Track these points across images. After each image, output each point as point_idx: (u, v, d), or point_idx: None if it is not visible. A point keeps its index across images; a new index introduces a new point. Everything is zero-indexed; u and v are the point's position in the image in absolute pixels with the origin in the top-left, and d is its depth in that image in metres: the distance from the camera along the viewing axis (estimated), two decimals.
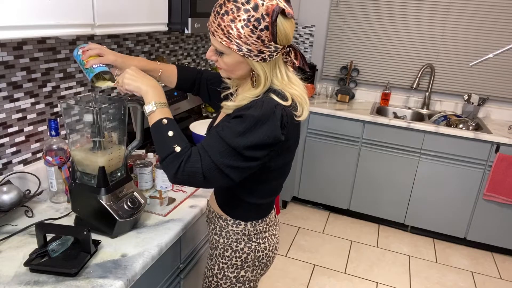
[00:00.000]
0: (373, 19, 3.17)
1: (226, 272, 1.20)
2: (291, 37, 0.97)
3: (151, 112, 0.99)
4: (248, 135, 0.94)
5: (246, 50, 0.93)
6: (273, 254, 1.24)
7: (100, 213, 1.16)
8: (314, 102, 3.15)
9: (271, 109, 0.94)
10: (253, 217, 1.16)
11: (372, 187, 3.02)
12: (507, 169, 2.58)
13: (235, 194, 1.13)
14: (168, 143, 0.95)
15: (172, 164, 0.94)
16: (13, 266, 1.04)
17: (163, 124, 0.97)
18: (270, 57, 0.95)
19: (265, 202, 1.16)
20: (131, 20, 1.38)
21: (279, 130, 0.96)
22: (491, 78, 2.99)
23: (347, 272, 2.58)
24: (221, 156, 0.94)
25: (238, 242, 1.17)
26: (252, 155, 0.96)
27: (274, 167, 1.07)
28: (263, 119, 0.93)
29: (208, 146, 0.95)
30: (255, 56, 0.94)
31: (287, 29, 0.94)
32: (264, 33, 0.91)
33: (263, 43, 0.92)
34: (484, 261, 2.80)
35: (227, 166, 0.94)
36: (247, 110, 0.96)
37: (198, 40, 2.49)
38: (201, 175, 0.93)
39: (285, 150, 1.06)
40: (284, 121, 0.97)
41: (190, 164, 0.93)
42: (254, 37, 0.91)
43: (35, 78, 1.41)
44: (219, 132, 0.95)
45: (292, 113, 1.00)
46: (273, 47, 0.94)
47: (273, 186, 1.16)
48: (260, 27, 0.90)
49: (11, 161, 1.38)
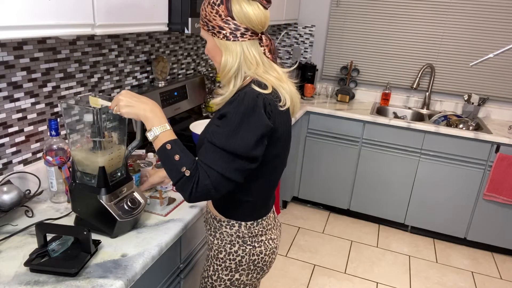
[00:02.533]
0: (373, 19, 3.17)
1: (221, 274, 1.19)
2: (255, 21, 1.01)
3: (155, 138, 1.03)
4: (242, 133, 0.96)
5: (211, 27, 1.03)
6: (270, 259, 1.22)
7: (100, 213, 1.16)
8: (314, 102, 3.15)
9: (253, 99, 0.98)
10: (249, 217, 1.16)
11: (372, 187, 3.02)
12: (507, 169, 2.58)
13: (230, 193, 1.12)
14: (177, 167, 0.99)
15: (185, 187, 0.98)
16: (13, 266, 1.04)
17: (168, 149, 1.01)
18: (233, 36, 1.01)
19: (259, 200, 1.15)
20: (131, 20, 1.38)
21: (266, 118, 0.99)
22: (491, 78, 2.99)
23: (347, 272, 2.58)
24: (224, 165, 0.97)
25: (232, 244, 1.16)
26: (255, 154, 0.99)
27: (267, 161, 1.07)
28: (248, 112, 0.97)
29: (209, 160, 0.98)
30: (218, 33, 1.02)
31: (247, 10, 1.00)
32: (220, 8, 1.00)
33: (220, 17, 1.00)
34: (484, 261, 2.80)
35: (233, 172, 0.98)
36: (229, 106, 1.00)
37: (198, 40, 2.49)
38: (213, 190, 0.98)
39: (275, 140, 1.06)
40: (267, 109, 1.00)
41: (201, 183, 0.97)
42: (214, 12, 1.01)
43: (35, 78, 1.41)
44: (213, 141, 0.98)
45: (275, 102, 1.03)
46: (232, 23, 1.00)
47: (267, 182, 1.15)
48: (217, 2, 1.00)
49: (11, 161, 1.38)
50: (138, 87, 2.01)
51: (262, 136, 0.99)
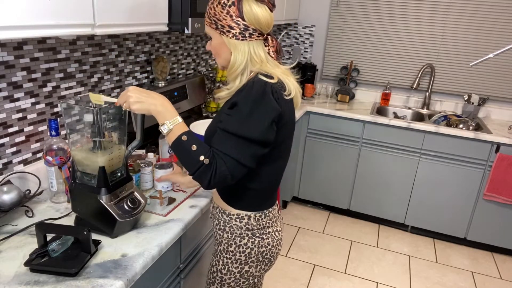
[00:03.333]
0: (373, 19, 3.17)
1: (230, 267, 1.21)
2: (263, 22, 1.06)
3: (169, 132, 1.05)
4: (255, 118, 1.01)
5: (220, 26, 1.06)
6: (276, 250, 1.26)
7: (100, 213, 1.16)
8: (314, 102, 3.15)
9: (261, 86, 1.03)
10: (255, 207, 1.18)
11: (372, 187, 3.02)
12: (507, 169, 2.58)
13: (237, 182, 1.13)
14: (195, 156, 1.02)
15: (204, 175, 1.02)
16: (13, 266, 1.04)
17: (184, 141, 1.03)
18: (242, 36, 1.05)
19: (266, 188, 1.18)
20: (131, 20, 1.38)
21: (275, 102, 1.03)
22: (491, 78, 2.99)
23: (347, 272, 2.58)
24: (239, 151, 1.01)
25: (241, 237, 1.19)
26: (268, 139, 1.04)
27: (273, 146, 1.10)
28: (258, 98, 1.02)
29: (224, 147, 1.02)
30: (227, 32, 1.05)
31: (257, 12, 1.04)
32: (231, 9, 1.04)
33: (231, 18, 1.04)
34: (484, 261, 2.80)
35: (248, 158, 1.02)
36: (239, 95, 1.03)
37: (198, 40, 2.49)
38: (230, 176, 1.02)
39: (282, 126, 1.10)
40: (275, 96, 1.04)
41: (219, 171, 1.01)
42: (224, 12, 1.04)
43: (35, 78, 1.41)
44: (226, 128, 1.02)
45: (280, 90, 1.07)
46: (242, 24, 1.04)
47: (273, 169, 1.17)
48: (229, 3, 1.04)
49: (11, 161, 1.38)
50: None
51: (272, 121, 1.03)
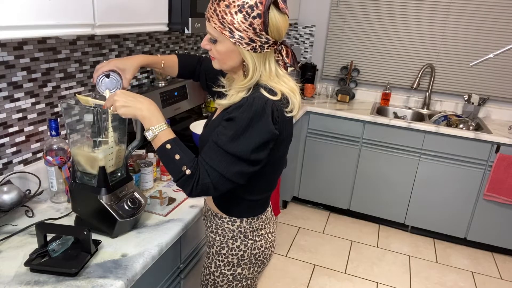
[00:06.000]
0: (373, 19, 3.17)
1: (223, 269, 1.21)
2: (283, 33, 1.00)
3: (154, 138, 1.02)
4: (246, 137, 0.97)
5: (238, 37, 0.95)
6: (269, 252, 1.25)
7: (100, 213, 1.16)
8: (314, 102, 3.15)
9: (261, 105, 0.97)
10: (249, 214, 1.17)
11: (372, 187, 3.02)
12: (507, 169, 2.58)
13: (231, 191, 1.13)
14: (178, 166, 0.99)
15: (186, 185, 1.00)
16: (13, 266, 1.04)
17: (168, 149, 1.01)
18: (260, 49, 0.98)
19: (260, 198, 1.17)
20: (131, 20, 1.38)
21: (272, 125, 0.99)
22: (491, 78, 2.99)
23: (347, 272, 2.58)
24: (226, 167, 0.98)
25: (234, 240, 1.18)
26: (256, 158, 1.00)
27: (269, 162, 1.09)
28: (255, 118, 0.96)
29: (211, 160, 0.99)
30: (246, 45, 0.96)
31: (279, 22, 0.97)
32: (256, 21, 0.94)
33: (254, 31, 0.94)
34: (484, 261, 2.80)
35: (233, 174, 1.00)
36: (238, 110, 0.98)
37: (198, 40, 2.49)
38: (212, 188, 1.00)
39: (279, 144, 1.07)
40: (275, 116, 0.99)
41: (201, 182, 0.99)
42: (246, 23, 0.94)
43: (35, 78, 1.41)
44: (217, 142, 0.99)
45: (282, 108, 1.02)
46: (264, 37, 0.96)
47: (268, 181, 1.17)
48: (253, 15, 0.93)
49: (12, 161, 1.38)
50: (138, 87, 2.01)
51: (266, 142, 0.99)
